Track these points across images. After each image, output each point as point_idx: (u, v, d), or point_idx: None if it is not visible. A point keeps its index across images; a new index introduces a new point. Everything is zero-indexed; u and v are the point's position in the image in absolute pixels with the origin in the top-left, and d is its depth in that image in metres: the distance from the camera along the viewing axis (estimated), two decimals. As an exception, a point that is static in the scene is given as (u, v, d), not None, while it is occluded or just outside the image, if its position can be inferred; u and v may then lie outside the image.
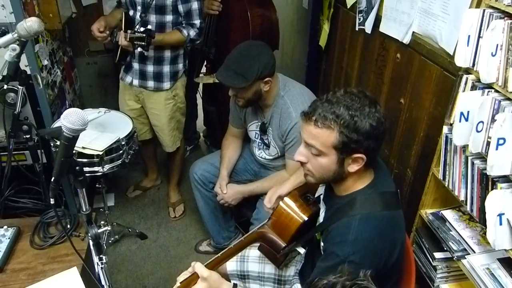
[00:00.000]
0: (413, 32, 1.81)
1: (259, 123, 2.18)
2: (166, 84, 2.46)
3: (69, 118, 1.07)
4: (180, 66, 2.49)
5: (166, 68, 2.43)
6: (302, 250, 1.55)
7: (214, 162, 2.37)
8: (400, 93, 1.95)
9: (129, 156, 2.18)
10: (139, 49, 2.25)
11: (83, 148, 2.04)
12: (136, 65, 2.42)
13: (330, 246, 1.26)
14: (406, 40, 1.86)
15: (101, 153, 2.05)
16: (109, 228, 2.58)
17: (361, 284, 0.78)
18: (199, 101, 3.39)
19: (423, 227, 1.73)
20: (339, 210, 1.30)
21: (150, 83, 2.46)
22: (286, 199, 1.57)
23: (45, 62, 2.35)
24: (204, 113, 3.46)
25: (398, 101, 1.97)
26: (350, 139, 1.18)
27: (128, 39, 2.18)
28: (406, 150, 1.95)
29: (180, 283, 1.31)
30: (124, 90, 2.59)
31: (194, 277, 1.38)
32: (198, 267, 1.37)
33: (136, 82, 2.47)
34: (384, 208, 1.25)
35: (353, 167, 1.24)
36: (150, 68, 2.41)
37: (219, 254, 1.46)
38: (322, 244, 1.36)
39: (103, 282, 1.34)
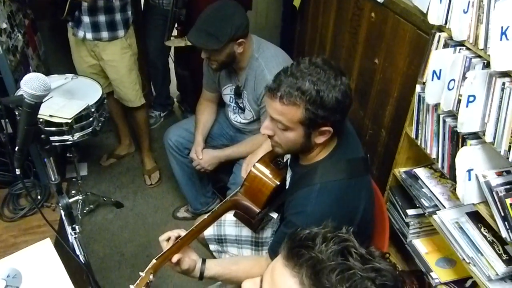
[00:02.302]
0: (387, -11, 1.80)
1: (234, 87, 2.16)
2: (121, 32, 2.41)
3: (30, 84, 1.03)
4: (129, 13, 2.45)
5: (118, 16, 2.37)
6: (275, 215, 1.57)
7: (188, 127, 2.36)
8: (375, 53, 1.96)
9: (100, 124, 2.14)
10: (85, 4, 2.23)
11: (51, 116, 2.00)
12: (86, 19, 2.35)
13: (289, 215, 1.30)
14: (380, -2, 1.85)
15: (69, 121, 2.01)
16: (81, 197, 2.57)
17: (342, 236, 0.81)
18: (172, 65, 3.33)
19: (397, 186, 1.78)
20: (301, 179, 1.32)
21: (105, 34, 2.40)
22: (258, 164, 1.58)
23: (4, 25, 2.24)
24: (177, 77, 3.40)
25: (372, 61, 1.98)
26: (317, 115, 1.19)
27: None
28: (381, 110, 1.98)
29: (156, 259, 1.32)
30: (78, 46, 2.52)
31: (174, 249, 1.39)
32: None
33: (89, 35, 2.39)
34: (347, 175, 1.28)
35: (320, 139, 1.26)
36: (102, 18, 2.35)
37: (193, 227, 1.47)
38: (284, 210, 1.39)
39: (77, 252, 1.34)
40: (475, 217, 1.45)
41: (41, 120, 1.98)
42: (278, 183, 1.53)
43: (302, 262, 0.79)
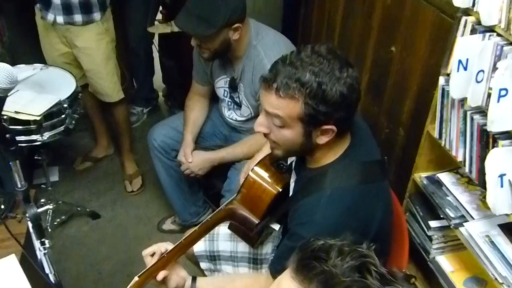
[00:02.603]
0: (406, -34, 1.81)
1: (228, 79, 2.17)
2: (97, 15, 2.41)
3: (-8, 75, 1.03)
4: None
5: None
6: (277, 227, 1.57)
7: (176, 125, 2.36)
8: (391, 40, 1.96)
9: (73, 121, 2.15)
10: None
11: (17, 112, 2.00)
12: None
13: (294, 226, 1.30)
14: (398, -24, 1.85)
15: (38, 118, 2.01)
16: (51, 207, 2.55)
17: (361, 251, 0.81)
18: (156, 54, 3.33)
19: (417, 193, 1.79)
20: (308, 185, 1.33)
21: (78, 17, 2.39)
22: (256, 168, 1.58)
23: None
24: (162, 68, 3.41)
25: (388, 49, 1.98)
26: (318, 111, 1.19)
27: None
28: (398, 106, 1.98)
29: (139, 277, 1.32)
30: (47, 32, 2.51)
31: (159, 265, 1.39)
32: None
33: (60, 18, 2.38)
34: (361, 181, 1.28)
35: (322, 139, 1.26)
36: None
37: (182, 239, 1.47)
38: (288, 222, 1.39)
39: (46, 270, 1.34)
40: (509, 229, 1.45)
41: (5, 117, 1.97)
42: (280, 189, 1.53)
43: (313, 276, 0.79)
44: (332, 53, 1.22)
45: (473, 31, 1.37)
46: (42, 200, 2.54)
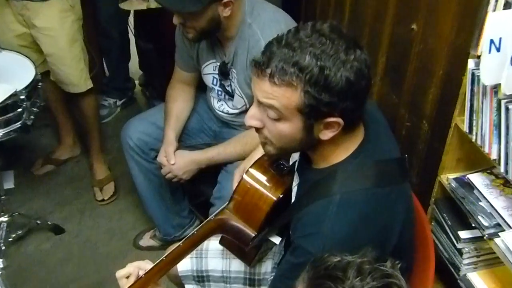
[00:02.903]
0: None
1: (218, 64, 2.18)
2: None
3: None
4: None
5: None
6: (277, 240, 1.58)
7: (156, 120, 2.37)
8: (411, 16, 1.98)
9: (32, 116, 2.15)
10: None
11: (-36, 106, 2.01)
12: None
13: (298, 238, 1.30)
14: None
15: (-11, 113, 2.01)
16: (5, 220, 2.55)
17: (384, 270, 0.82)
18: (132, 36, 3.33)
19: (444, 198, 1.80)
20: (313, 189, 1.33)
21: None
22: (252, 170, 1.59)
23: None
24: (139, 52, 3.41)
25: (408, 27, 2.00)
26: (320, 101, 1.19)
27: None
28: (421, 95, 2.00)
29: None
30: (1, 9, 2.51)
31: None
32: None
33: None
34: (377, 183, 1.29)
35: (326, 134, 1.27)
36: None
37: (163, 257, 1.49)
38: (291, 233, 1.39)
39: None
40: (552, 240, 1.46)
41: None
42: (281, 195, 1.54)
43: None
44: (336, 32, 1.23)
45: (506, 6, 1.38)
46: (-5, 212, 2.57)
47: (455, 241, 1.73)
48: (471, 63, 1.54)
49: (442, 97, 1.90)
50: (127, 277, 1.45)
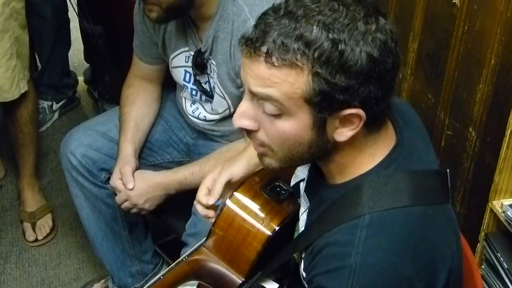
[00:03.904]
0: None
1: (192, 53, 2.19)
2: None
3: None
4: None
5: None
6: (274, 286, 1.59)
7: (107, 130, 2.38)
8: (453, -14, 2.00)
9: None
10: None
11: None
12: None
13: (319, 277, 1.29)
14: None
15: None
16: None
17: None
18: (73, 17, 3.36)
19: (499, 232, 1.81)
20: (331, 211, 1.33)
21: None
22: (238, 194, 1.60)
23: None
24: (84, 38, 3.42)
25: (448, 2, 2.01)
26: (334, 86, 1.19)
27: None
28: (466, 93, 2.01)
29: None
30: None
31: None
32: None
33: None
34: (414, 200, 1.29)
35: (343, 133, 1.26)
36: None
37: None
38: (303, 272, 1.40)
39: None
40: None
41: None
42: (277, 227, 1.55)
43: None
44: None
45: None
46: None
47: (514, 290, 1.75)
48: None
49: (495, 95, 1.91)
50: None
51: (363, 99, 1.22)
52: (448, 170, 1.40)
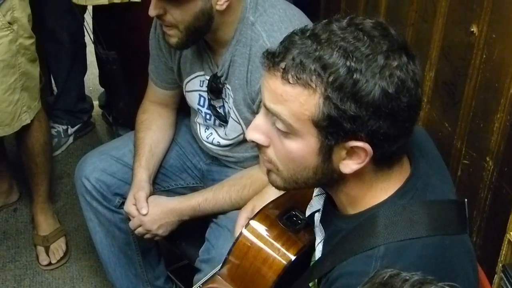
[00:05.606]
0: None
1: (207, 77, 2.19)
2: None
3: None
4: None
5: None
6: None
7: (121, 155, 2.38)
8: (470, 15, 1.99)
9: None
10: None
11: None
12: None
13: None
14: None
15: None
16: None
17: None
18: (89, 42, 3.36)
19: (517, 265, 1.79)
20: (346, 241, 1.33)
21: None
22: (254, 223, 1.61)
23: None
24: (99, 63, 3.43)
25: (466, 30, 2.01)
26: (343, 113, 1.20)
27: None
28: (484, 123, 2.00)
29: None
30: None
31: None
32: None
33: None
34: (430, 230, 1.28)
35: (348, 166, 1.26)
36: None
37: None
38: None
39: None
40: None
41: None
42: (294, 256, 1.55)
43: None
44: (380, 30, 1.24)
45: None
46: None
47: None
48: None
49: (514, 125, 1.90)
50: None
51: (371, 133, 1.22)
52: (466, 200, 1.39)
